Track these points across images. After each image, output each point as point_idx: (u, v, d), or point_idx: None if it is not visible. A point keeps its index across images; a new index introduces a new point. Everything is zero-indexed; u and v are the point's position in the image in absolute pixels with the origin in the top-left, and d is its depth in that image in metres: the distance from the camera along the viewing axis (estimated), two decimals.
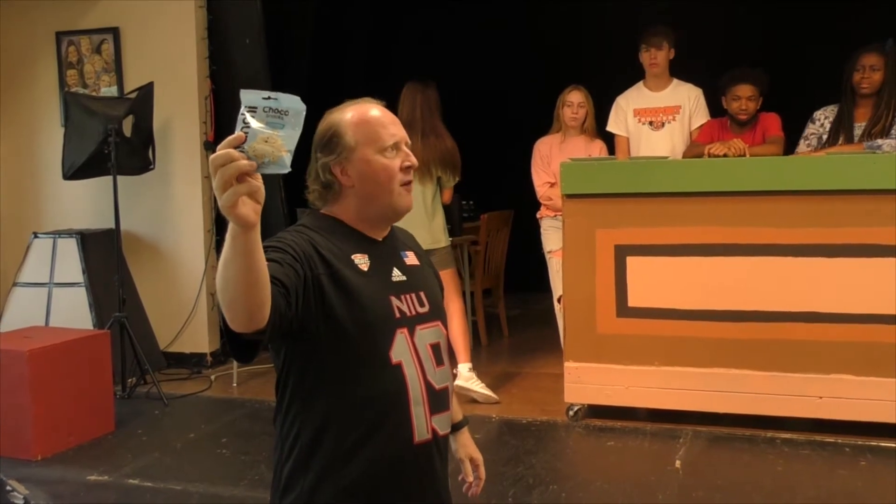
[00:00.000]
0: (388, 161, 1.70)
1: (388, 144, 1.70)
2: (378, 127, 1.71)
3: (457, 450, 1.97)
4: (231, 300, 1.37)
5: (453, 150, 4.43)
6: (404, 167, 1.71)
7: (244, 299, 1.36)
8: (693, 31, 5.25)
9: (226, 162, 1.25)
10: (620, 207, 3.96)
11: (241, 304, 1.37)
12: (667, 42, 4.60)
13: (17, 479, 3.48)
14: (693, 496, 3.19)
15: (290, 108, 1.30)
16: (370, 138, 1.70)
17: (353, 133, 1.70)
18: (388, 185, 1.70)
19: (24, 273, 5.15)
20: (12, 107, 5.63)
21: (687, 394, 3.89)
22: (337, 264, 1.64)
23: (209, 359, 5.35)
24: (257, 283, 1.36)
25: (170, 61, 5.27)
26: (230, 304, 1.38)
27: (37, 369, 3.77)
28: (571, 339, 4.08)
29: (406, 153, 1.72)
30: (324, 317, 1.59)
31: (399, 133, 1.72)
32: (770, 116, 4.48)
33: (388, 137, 1.71)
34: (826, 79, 4.45)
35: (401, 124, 1.75)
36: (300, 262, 1.56)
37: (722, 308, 3.84)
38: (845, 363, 3.68)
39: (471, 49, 6.66)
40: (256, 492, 3.27)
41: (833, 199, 3.68)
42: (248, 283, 1.35)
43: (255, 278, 1.35)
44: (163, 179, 5.30)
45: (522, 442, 3.83)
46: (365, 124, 1.72)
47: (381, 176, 1.70)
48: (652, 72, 4.66)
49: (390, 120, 1.73)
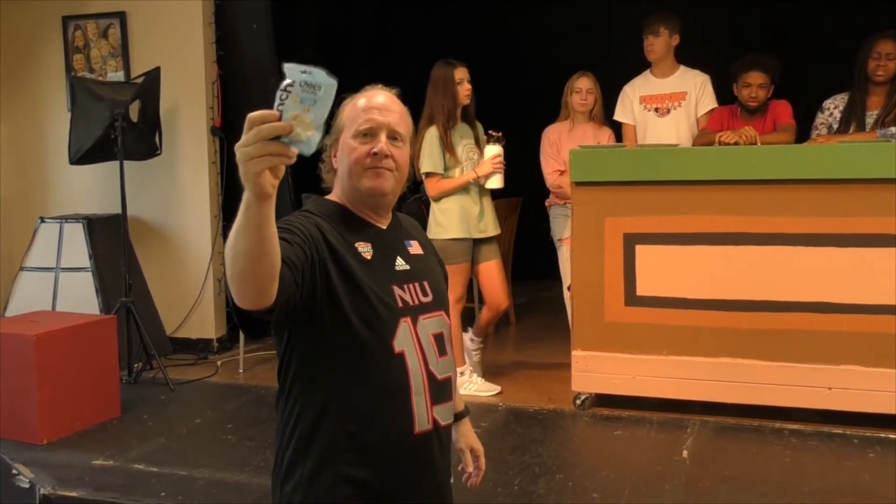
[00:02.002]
0: (356, 145, 1.70)
1: (361, 129, 1.70)
2: (360, 111, 1.72)
3: (458, 440, 1.97)
4: (241, 272, 1.37)
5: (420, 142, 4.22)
6: (372, 153, 1.69)
7: (254, 272, 1.36)
8: (703, 17, 5.20)
9: (264, 120, 1.24)
10: (630, 195, 3.93)
11: (251, 276, 1.37)
12: (665, 28, 4.54)
13: (23, 462, 3.49)
14: (700, 486, 3.17)
15: (322, 83, 1.28)
16: (351, 122, 1.72)
17: (343, 117, 1.74)
18: (352, 167, 1.71)
19: (30, 258, 5.15)
20: (19, 91, 5.62)
21: (695, 383, 3.87)
22: (341, 251, 1.64)
23: (215, 344, 5.35)
24: (268, 255, 1.36)
25: (177, 46, 5.25)
26: (240, 276, 1.37)
27: (43, 354, 3.77)
28: (579, 327, 4.06)
29: (381, 140, 1.69)
30: (328, 301, 1.59)
31: (380, 119, 1.70)
32: (781, 104, 4.44)
33: (363, 122, 1.70)
34: (838, 66, 4.40)
35: (396, 113, 1.73)
36: (308, 245, 1.56)
37: (731, 297, 3.81)
38: (855, 354, 3.66)
39: (476, 36, 6.62)
40: (262, 478, 3.26)
41: (845, 187, 3.64)
42: (259, 254, 1.34)
43: (266, 250, 1.35)
44: (169, 164, 5.29)
45: (529, 430, 3.82)
46: (353, 108, 1.74)
47: (347, 158, 1.71)
48: (650, 58, 4.63)
49: (380, 106, 1.72)
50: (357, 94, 1.76)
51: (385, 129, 1.70)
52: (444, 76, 4.24)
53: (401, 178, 1.75)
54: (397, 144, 1.72)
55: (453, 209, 4.25)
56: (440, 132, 4.21)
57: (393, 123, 1.71)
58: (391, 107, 1.73)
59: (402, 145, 1.74)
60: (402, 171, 1.75)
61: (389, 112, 1.72)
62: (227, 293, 1.42)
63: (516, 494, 3.12)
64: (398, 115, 1.74)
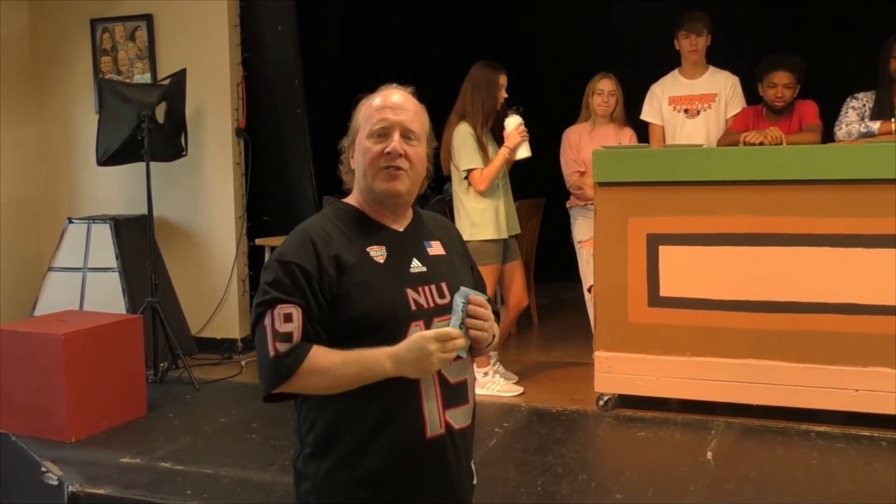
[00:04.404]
0: (371, 145, 1.71)
1: (375, 129, 1.71)
2: (375, 111, 1.72)
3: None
4: (323, 391, 1.65)
5: (448, 140, 4.27)
6: (385, 152, 1.70)
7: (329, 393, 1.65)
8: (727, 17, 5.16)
9: (451, 337, 1.61)
10: (653, 196, 3.91)
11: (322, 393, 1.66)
12: (706, 28, 4.53)
13: (52, 460, 3.53)
14: (724, 488, 3.15)
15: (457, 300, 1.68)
16: (366, 122, 1.73)
17: (359, 118, 1.75)
18: (367, 168, 1.71)
19: (59, 258, 5.22)
20: (48, 93, 5.70)
21: (719, 385, 3.84)
22: (351, 261, 1.65)
23: (240, 344, 5.38)
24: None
25: (202, 48, 5.29)
26: (314, 390, 1.66)
27: (71, 353, 3.81)
28: (602, 328, 4.04)
29: (394, 140, 1.70)
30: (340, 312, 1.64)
31: (393, 118, 1.71)
32: (807, 104, 4.39)
33: (377, 122, 1.71)
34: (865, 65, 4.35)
35: (410, 112, 1.73)
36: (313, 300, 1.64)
37: (756, 298, 3.78)
38: (883, 356, 3.61)
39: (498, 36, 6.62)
40: (286, 477, 3.25)
41: (872, 188, 3.60)
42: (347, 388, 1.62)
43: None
44: (195, 166, 5.33)
45: (552, 431, 3.81)
46: (368, 108, 1.74)
47: (362, 159, 1.72)
48: (691, 59, 4.58)
49: (394, 105, 1.72)
50: (373, 94, 1.77)
51: (398, 127, 1.70)
52: (488, 78, 4.28)
53: (416, 178, 1.75)
54: (412, 143, 1.72)
55: (489, 210, 4.26)
56: (474, 129, 4.24)
57: (406, 122, 1.71)
58: (405, 105, 1.74)
59: (418, 143, 1.74)
60: (417, 170, 1.74)
61: (403, 111, 1.72)
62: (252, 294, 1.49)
63: (539, 495, 3.11)
64: (412, 113, 1.74)
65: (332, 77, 5.98)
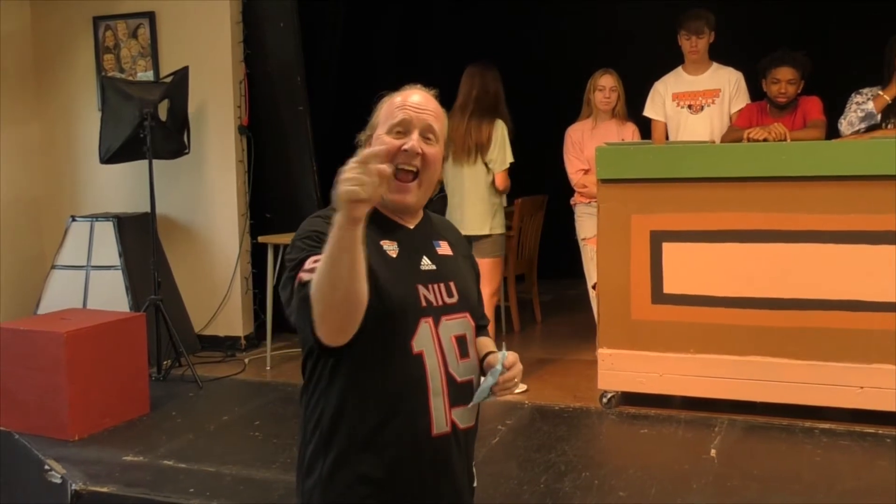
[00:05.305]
0: (391, 139, 1.70)
1: (394, 123, 1.70)
2: (396, 109, 1.72)
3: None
4: (340, 300, 1.45)
5: (488, 134, 4.36)
6: (403, 149, 1.69)
7: (351, 298, 1.46)
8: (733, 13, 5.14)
9: (378, 160, 1.41)
10: (656, 193, 3.90)
11: (348, 304, 1.46)
12: (707, 27, 4.51)
13: (55, 458, 3.54)
14: (728, 485, 3.14)
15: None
16: (386, 118, 1.72)
17: (379, 114, 1.74)
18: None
19: (62, 256, 5.23)
20: (50, 91, 5.70)
21: (723, 382, 3.83)
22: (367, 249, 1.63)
23: (243, 342, 5.39)
24: (363, 276, 1.45)
25: (205, 45, 5.29)
26: (339, 304, 1.46)
27: (74, 351, 3.81)
28: (605, 325, 4.03)
29: (413, 138, 1.69)
30: None
31: (414, 116, 1.70)
32: (811, 100, 4.38)
33: (398, 118, 1.70)
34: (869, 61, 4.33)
35: (431, 112, 1.73)
36: None
37: (760, 295, 3.77)
38: (887, 353, 3.60)
39: (501, 35, 6.60)
40: (288, 474, 3.25)
41: (876, 184, 3.58)
42: (356, 276, 1.44)
43: (362, 270, 1.45)
44: (198, 163, 5.33)
45: (555, 428, 3.81)
46: (390, 105, 1.74)
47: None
48: (691, 59, 4.58)
49: (416, 104, 1.72)
50: (395, 92, 1.77)
51: (419, 125, 1.70)
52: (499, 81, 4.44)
53: (429, 183, 1.74)
54: (430, 142, 1.72)
55: (501, 205, 4.52)
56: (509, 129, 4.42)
57: (428, 120, 1.72)
58: (427, 105, 1.74)
59: (436, 143, 1.73)
60: (430, 172, 1.73)
61: (424, 110, 1.72)
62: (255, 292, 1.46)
63: (542, 492, 3.11)
64: (433, 113, 1.74)
65: (334, 74, 5.97)
